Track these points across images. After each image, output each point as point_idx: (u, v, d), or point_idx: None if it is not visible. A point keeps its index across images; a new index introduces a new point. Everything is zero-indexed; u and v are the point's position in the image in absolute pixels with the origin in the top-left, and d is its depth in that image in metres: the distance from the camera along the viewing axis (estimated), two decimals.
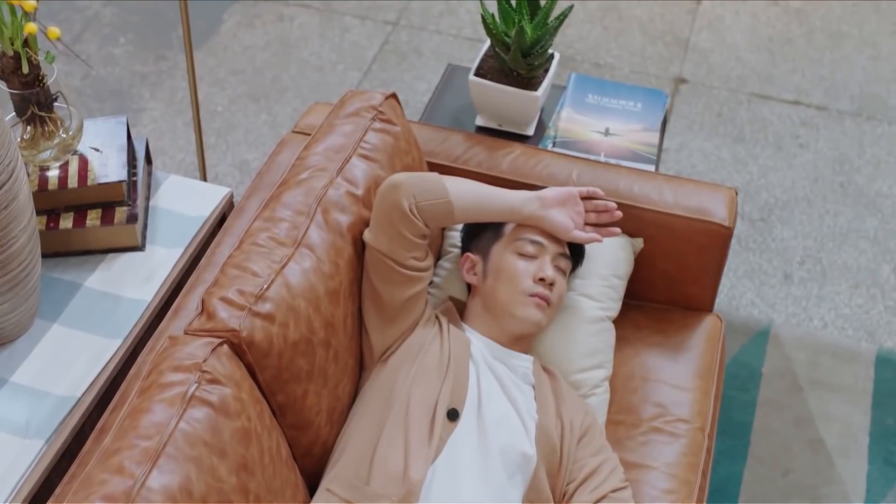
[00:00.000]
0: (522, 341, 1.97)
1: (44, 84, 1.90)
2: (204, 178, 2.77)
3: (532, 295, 1.92)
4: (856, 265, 3.02)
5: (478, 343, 1.94)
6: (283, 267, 1.78)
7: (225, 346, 1.66)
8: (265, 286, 1.73)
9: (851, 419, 2.62)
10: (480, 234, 2.04)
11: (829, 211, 3.17)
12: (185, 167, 3.17)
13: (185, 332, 1.71)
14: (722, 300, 2.87)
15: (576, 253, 2.06)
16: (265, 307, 1.71)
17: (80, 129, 2.00)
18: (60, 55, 3.46)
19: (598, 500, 1.83)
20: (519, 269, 1.94)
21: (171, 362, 1.63)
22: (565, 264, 2.00)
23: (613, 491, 1.84)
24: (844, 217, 3.15)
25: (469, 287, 2.07)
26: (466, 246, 2.08)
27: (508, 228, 2.00)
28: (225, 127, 3.32)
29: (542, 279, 1.93)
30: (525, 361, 1.96)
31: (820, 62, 3.66)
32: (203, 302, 1.73)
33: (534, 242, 1.96)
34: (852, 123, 3.44)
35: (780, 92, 3.54)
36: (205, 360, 1.62)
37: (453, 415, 1.79)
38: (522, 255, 1.96)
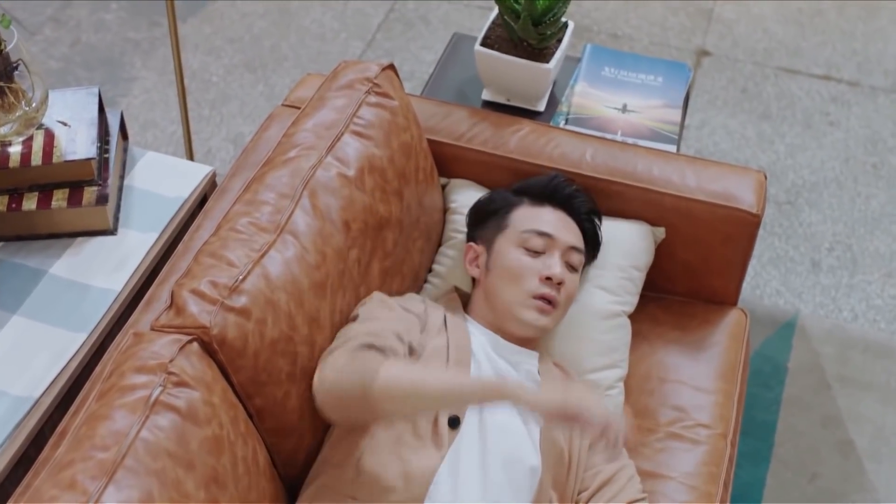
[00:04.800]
0: (528, 339, 1.80)
1: (1, 51, 1.72)
2: (190, 154, 2.60)
3: (537, 297, 1.75)
4: (889, 252, 2.84)
5: (480, 337, 1.77)
6: (262, 256, 1.62)
7: (194, 345, 1.51)
8: (241, 277, 1.57)
9: (884, 420, 2.47)
10: (485, 223, 1.89)
11: (861, 194, 2.99)
12: (176, 140, 3.01)
13: (152, 328, 1.55)
14: (745, 289, 2.71)
15: (591, 244, 1.89)
16: (240, 301, 1.55)
17: (44, 100, 1.83)
18: (49, 20, 3.32)
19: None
20: (524, 266, 1.78)
21: (133, 362, 1.48)
22: (577, 260, 1.84)
23: (631, 502, 1.68)
24: (877, 200, 2.98)
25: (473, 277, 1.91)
26: (471, 234, 1.92)
27: (514, 218, 1.84)
28: (220, 98, 3.15)
29: (548, 278, 1.76)
30: (530, 358, 1.80)
31: (852, 34, 3.48)
32: (172, 294, 1.57)
33: (542, 235, 1.80)
34: (886, 100, 3.26)
35: (810, 66, 3.36)
36: (171, 360, 1.48)
37: (454, 422, 1.62)
38: (529, 249, 1.79)
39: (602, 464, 1.73)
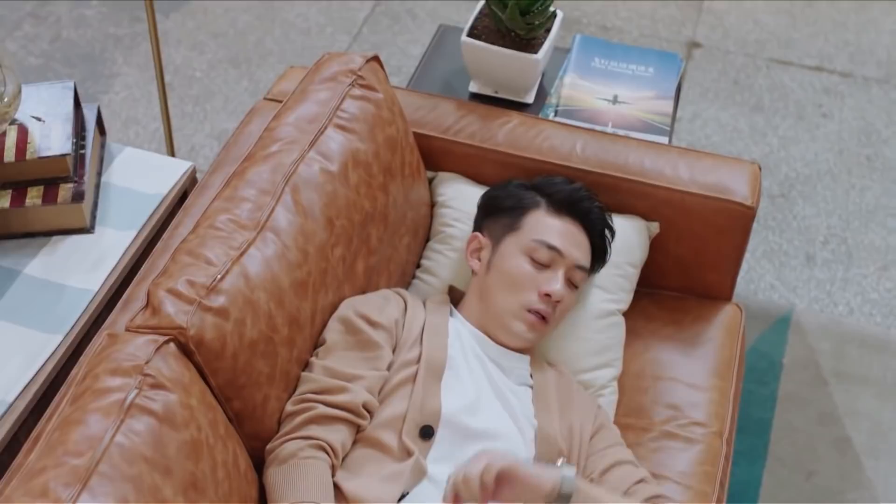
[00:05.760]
0: (513, 347, 1.76)
1: None
2: (171, 151, 2.54)
3: (531, 311, 1.71)
4: (884, 245, 2.80)
5: (469, 339, 1.72)
6: (241, 254, 1.57)
7: (171, 346, 1.46)
8: (219, 276, 1.52)
9: (881, 416, 2.42)
10: (496, 217, 1.83)
11: (855, 186, 2.95)
12: (158, 137, 2.95)
13: (127, 329, 1.50)
14: (738, 284, 2.64)
15: (598, 258, 1.85)
16: (218, 301, 1.50)
17: (17, 95, 1.78)
18: (28, 16, 3.25)
19: (637, 482, 1.63)
20: (525, 276, 1.73)
21: (108, 364, 1.43)
22: (580, 277, 1.79)
23: (641, 482, 1.65)
24: (871, 192, 2.93)
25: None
26: (479, 224, 1.86)
27: (527, 222, 1.78)
28: (203, 94, 3.09)
29: (547, 294, 1.71)
30: (521, 362, 1.75)
31: (844, 25, 3.44)
32: (148, 294, 1.52)
33: (551, 248, 1.75)
34: (879, 91, 3.22)
35: (802, 57, 3.32)
36: (147, 362, 1.42)
37: (427, 432, 1.57)
38: (534, 259, 1.74)
39: (605, 448, 1.68)
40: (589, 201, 1.83)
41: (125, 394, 1.38)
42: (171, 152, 2.56)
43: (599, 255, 1.84)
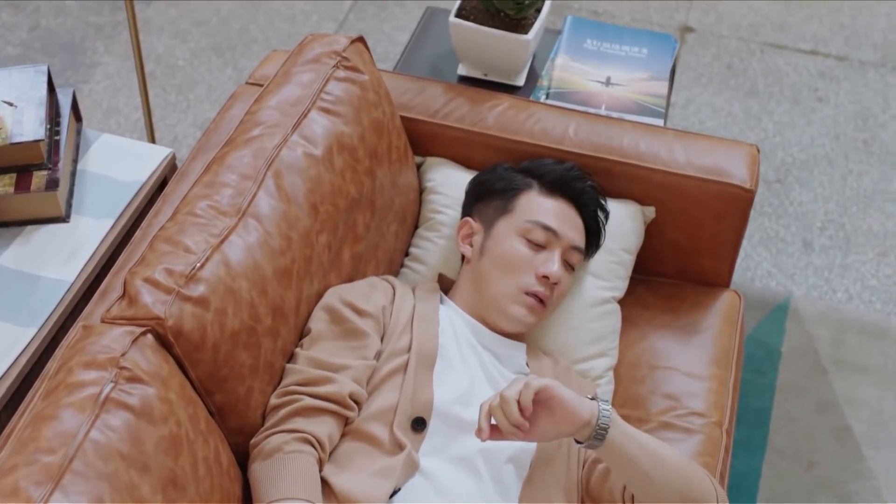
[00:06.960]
0: (510, 333, 1.70)
1: None
2: (152, 140, 2.48)
3: (529, 293, 1.65)
4: (882, 231, 2.75)
5: (462, 326, 1.66)
6: (222, 241, 1.51)
7: (148, 337, 1.40)
8: (198, 264, 1.46)
9: (882, 404, 2.37)
10: (487, 200, 1.77)
11: (852, 171, 2.90)
12: (140, 127, 2.89)
13: (102, 320, 1.44)
14: (735, 272, 2.60)
15: (592, 240, 1.79)
16: (197, 290, 1.43)
17: None
18: (6, 5, 3.18)
19: None
20: (521, 259, 1.67)
21: (82, 357, 1.37)
22: (577, 259, 1.74)
23: None
24: (869, 177, 2.88)
25: (461, 256, 1.81)
26: (468, 209, 1.81)
27: (520, 204, 1.73)
28: (186, 83, 3.03)
29: (545, 276, 1.66)
30: (517, 350, 1.69)
31: (839, 8, 3.39)
32: (125, 283, 1.45)
33: (546, 229, 1.70)
34: (875, 74, 3.17)
35: (796, 41, 3.27)
36: (123, 354, 1.37)
37: (419, 424, 1.51)
38: (530, 241, 1.69)
39: None
40: (581, 181, 1.78)
41: (100, 388, 1.32)
42: (153, 142, 2.50)
43: (593, 236, 1.79)
